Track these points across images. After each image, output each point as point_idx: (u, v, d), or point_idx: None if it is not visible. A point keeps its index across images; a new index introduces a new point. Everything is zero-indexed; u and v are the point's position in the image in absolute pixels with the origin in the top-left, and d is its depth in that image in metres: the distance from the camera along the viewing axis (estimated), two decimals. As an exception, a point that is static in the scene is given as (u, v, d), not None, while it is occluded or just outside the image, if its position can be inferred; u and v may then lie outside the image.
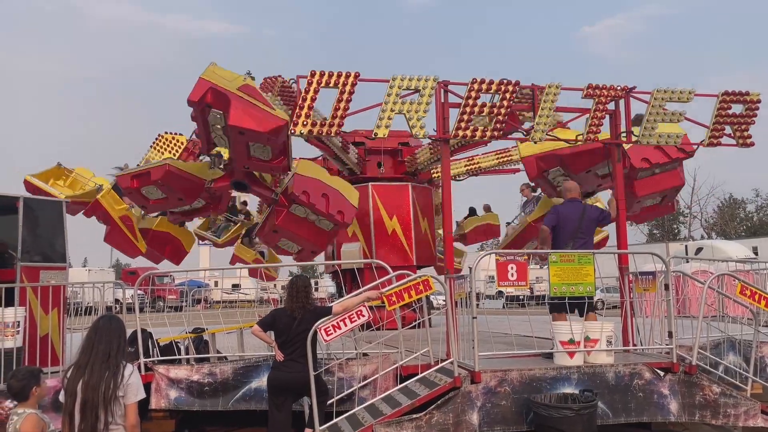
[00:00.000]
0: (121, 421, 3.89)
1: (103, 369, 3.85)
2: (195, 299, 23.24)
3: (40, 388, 4.34)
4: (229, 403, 6.95)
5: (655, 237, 55.46)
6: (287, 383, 5.81)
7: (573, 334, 6.63)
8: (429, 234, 12.65)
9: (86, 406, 3.81)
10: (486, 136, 7.49)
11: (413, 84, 7.25)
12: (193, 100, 7.63)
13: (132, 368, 4.01)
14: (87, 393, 3.81)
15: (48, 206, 8.29)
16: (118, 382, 3.86)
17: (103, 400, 3.80)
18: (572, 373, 6.48)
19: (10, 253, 7.82)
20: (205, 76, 7.64)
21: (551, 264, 6.72)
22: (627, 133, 8.01)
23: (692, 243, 31.70)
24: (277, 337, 5.91)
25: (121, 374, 3.89)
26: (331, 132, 7.25)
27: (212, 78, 7.62)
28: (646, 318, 7.69)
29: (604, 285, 10.18)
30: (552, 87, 7.54)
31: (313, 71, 7.15)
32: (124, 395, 3.89)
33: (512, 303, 25.07)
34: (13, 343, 7.06)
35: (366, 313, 6.12)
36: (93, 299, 8.17)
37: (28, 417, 4.13)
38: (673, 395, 6.63)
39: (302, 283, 6.00)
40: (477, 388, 6.23)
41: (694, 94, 7.90)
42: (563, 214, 7.55)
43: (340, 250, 12.14)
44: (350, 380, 6.75)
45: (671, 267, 7.31)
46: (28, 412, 4.18)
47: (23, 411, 4.18)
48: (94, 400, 3.80)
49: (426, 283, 6.47)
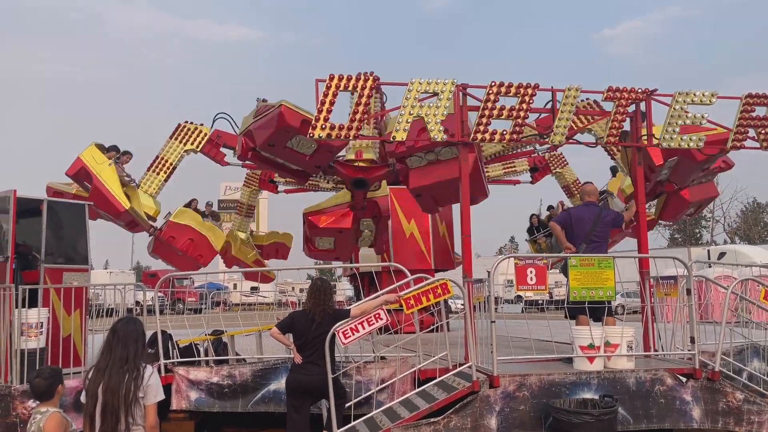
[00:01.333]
0: (141, 422, 3.94)
1: (122, 372, 3.90)
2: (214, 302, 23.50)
3: (63, 386, 4.40)
4: (248, 405, 6.99)
5: (676, 241, 54.74)
6: (306, 386, 5.82)
7: (593, 339, 6.56)
8: (447, 238, 12.63)
9: (106, 409, 3.86)
10: (505, 140, 7.45)
11: (432, 87, 7.24)
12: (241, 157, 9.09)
13: (152, 370, 4.05)
14: (107, 396, 3.87)
15: (71, 209, 8.41)
16: (138, 385, 3.90)
17: (123, 403, 3.86)
18: (592, 378, 6.41)
19: (34, 255, 7.95)
20: (241, 132, 8.86)
21: (571, 268, 6.66)
22: (648, 135, 7.92)
23: (715, 247, 31.20)
24: (296, 340, 5.92)
25: (141, 376, 3.94)
26: (349, 135, 7.26)
27: (245, 131, 8.57)
28: (667, 323, 7.59)
29: (624, 290, 10.10)
30: (572, 90, 7.48)
31: (332, 75, 7.17)
32: (144, 396, 3.94)
33: (531, 307, 24.88)
34: (37, 344, 7.17)
35: (384, 317, 6.11)
36: (114, 301, 8.26)
37: (52, 416, 4.18)
38: (695, 401, 6.53)
39: (324, 286, 6.01)
40: (495, 392, 6.19)
41: (716, 97, 7.80)
42: (575, 215, 7.56)
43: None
44: (368, 383, 6.75)
45: (693, 272, 7.21)
46: (51, 410, 4.22)
47: (46, 410, 4.23)
48: (114, 403, 3.85)
49: (444, 287, 6.44)
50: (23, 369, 6.96)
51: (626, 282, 7.93)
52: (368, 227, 11.96)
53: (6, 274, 7.39)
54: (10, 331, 7.08)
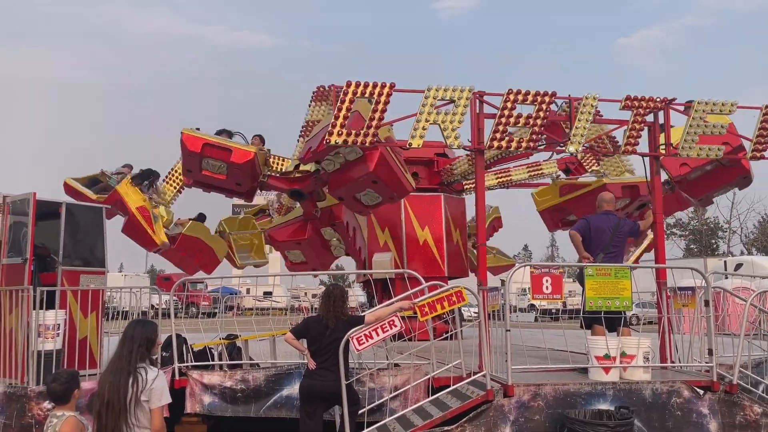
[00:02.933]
0: (147, 424, 3.92)
1: (122, 373, 3.91)
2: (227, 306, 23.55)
3: (79, 390, 4.40)
4: (260, 410, 6.99)
5: (692, 252, 54.18)
6: (319, 391, 5.82)
7: (609, 349, 6.50)
8: (461, 245, 12.58)
9: (108, 408, 3.88)
10: (521, 147, 7.44)
11: (448, 94, 7.24)
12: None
13: (156, 373, 4.01)
14: (110, 396, 3.90)
15: (89, 212, 8.49)
16: (137, 388, 3.89)
17: (123, 404, 3.86)
18: (608, 389, 6.35)
19: (52, 257, 8.02)
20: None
21: (587, 277, 6.62)
22: (666, 145, 7.86)
23: (732, 258, 30.86)
24: (310, 345, 5.93)
25: (144, 379, 3.92)
26: (366, 142, 7.27)
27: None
28: (684, 335, 7.51)
29: (640, 300, 10.01)
30: (589, 98, 7.45)
31: (349, 81, 7.19)
32: (148, 400, 3.92)
33: (544, 316, 24.72)
34: (53, 345, 7.23)
35: (398, 324, 6.10)
36: (129, 304, 8.32)
37: (68, 420, 4.19)
38: (712, 414, 6.44)
39: (338, 292, 6.02)
40: (510, 401, 6.15)
41: (736, 107, 7.73)
42: (594, 224, 7.44)
43: (371, 260, 12.16)
44: (381, 391, 6.73)
45: (711, 283, 7.13)
46: (67, 414, 4.23)
47: (62, 414, 4.24)
48: (112, 403, 3.87)
49: (459, 295, 6.42)
50: (39, 370, 7.02)
51: (642, 292, 7.85)
52: (332, 235, 12.51)
53: (24, 275, 7.47)
54: (28, 333, 7.15)
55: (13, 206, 7.90)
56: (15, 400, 6.93)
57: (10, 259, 7.77)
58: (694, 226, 55.26)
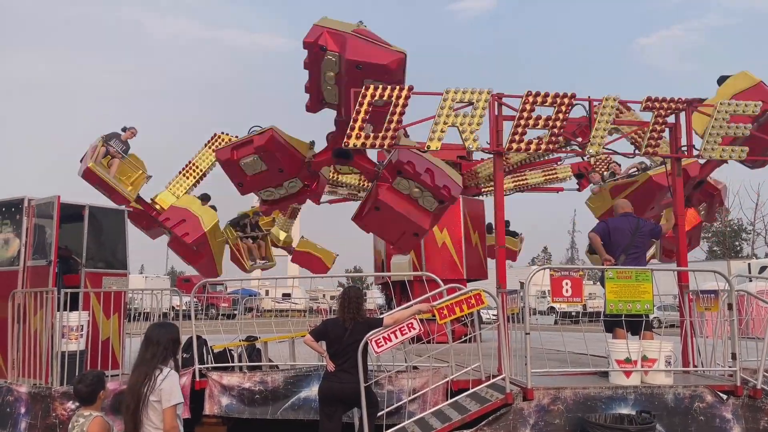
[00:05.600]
0: (160, 424, 3.96)
1: (140, 376, 3.99)
2: (247, 307, 23.73)
3: (105, 391, 4.49)
4: (278, 412, 7.03)
5: (715, 254, 53.35)
6: (338, 394, 5.83)
7: (630, 353, 6.43)
8: (480, 247, 12.55)
9: (128, 407, 3.96)
10: (540, 150, 7.40)
11: (467, 97, 7.22)
12: (309, 41, 7.65)
13: (167, 373, 4.03)
14: (128, 395, 3.98)
15: (111, 215, 8.62)
16: (148, 389, 3.95)
17: (138, 402, 3.93)
18: (629, 393, 6.29)
19: (75, 259, 8.15)
20: (318, 23, 7.76)
21: (608, 280, 6.56)
22: (688, 146, 7.77)
23: (756, 261, 30.35)
24: (329, 348, 5.95)
25: (154, 380, 3.97)
26: (384, 144, 7.28)
27: (326, 24, 7.73)
28: (707, 338, 7.41)
29: (661, 302, 9.88)
30: (609, 100, 7.39)
31: (367, 85, 7.21)
32: (158, 400, 3.96)
33: (564, 319, 24.53)
34: (77, 346, 7.34)
35: (417, 326, 6.10)
36: (150, 305, 8.42)
37: (95, 420, 4.27)
38: (736, 420, 6.34)
39: (354, 294, 6.03)
40: (529, 405, 6.11)
41: (759, 108, 7.61)
42: (614, 227, 7.45)
43: (390, 262, 12.17)
44: (399, 393, 6.73)
45: (734, 286, 7.02)
46: (94, 415, 4.31)
47: (90, 414, 4.31)
48: (129, 402, 3.95)
49: (478, 297, 6.40)
50: (63, 371, 7.13)
51: (663, 295, 7.75)
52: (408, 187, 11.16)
53: (49, 278, 7.59)
54: (52, 334, 7.27)
55: (38, 209, 8.04)
56: (39, 400, 7.05)
57: (35, 261, 7.90)
58: (717, 228, 54.44)
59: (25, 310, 7.62)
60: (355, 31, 7.71)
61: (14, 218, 8.17)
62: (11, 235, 8.19)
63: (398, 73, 7.72)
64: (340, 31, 7.66)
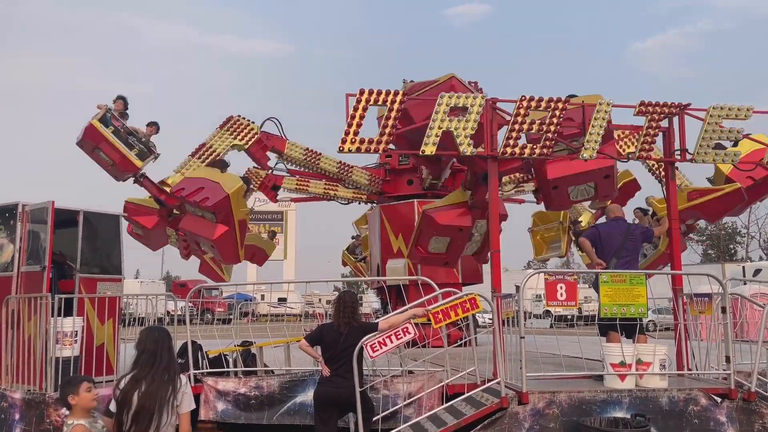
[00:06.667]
0: (173, 430, 4.01)
1: (165, 380, 4.02)
2: (242, 312, 23.72)
3: (78, 396, 4.23)
4: (273, 417, 7.01)
5: (710, 257, 53.56)
6: (333, 398, 5.82)
7: (624, 357, 6.45)
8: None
9: (141, 413, 3.94)
10: (534, 154, 7.42)
11: (461, 102, 7.25)
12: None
13: (185, 379, 4.20)
14: (144, 401, 3.96)
15: (105, 220, 8.60)
16: (176, 391, 4.03)
17: (159, 407, 3.95)
18: (624, 396, 6.30)
19: (70, 265, 8.13)
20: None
21: (602, 284, 6.58)
22: (681, 151, 7.81)
23: (750, 264, 30.43)
24: (324, 352, 5.94)
25: (181, 384, 4.09)
26: (378, 149, 7.30)
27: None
28: (701, 341, 7.44)
29: (656, 306, 9.90)
30: (603, 104, 7.43)
31: (362, 89, 7.22)
32: (179, 404, 4.04)
33: (559, 323, 24.54)
34: (71, 352, 7.31)
35: (412, 330, 6.10)
36: (145, 310, 8.41)
37: (74, 428, 4.16)
38: (730, 422, 6.36)
39: (349, 299, 6.03)
40: (524, 409, 6.12)
41: (752, 111, 7.66)
42: (604, 231, 7.55)
43: (385, 266, 12.17)
44: (395, 398, 6.73)
45: (728, 289, 7.06)
46: (75, 423, 4.19)
47: (72, 422, 4.21)
48: (150, 407, 3.94)
49: (473, 302, 6.41)
50: (57, 377, 7.10)
51: (658, 298, 7.79)
52: (480, 230, 10.44)
53: (43, 283, 7.57)
54: (46, 339, 7.24)
55: (32, 214, 8.03)
56: (34, 406, 7.02)
57: (29, 267, 7.88)
58: (711, 231, 54.65)
59: (19, 316, 7.60)
60: None
61: (8, 224, 8.15)
62: (5, 241, 8.17)
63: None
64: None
